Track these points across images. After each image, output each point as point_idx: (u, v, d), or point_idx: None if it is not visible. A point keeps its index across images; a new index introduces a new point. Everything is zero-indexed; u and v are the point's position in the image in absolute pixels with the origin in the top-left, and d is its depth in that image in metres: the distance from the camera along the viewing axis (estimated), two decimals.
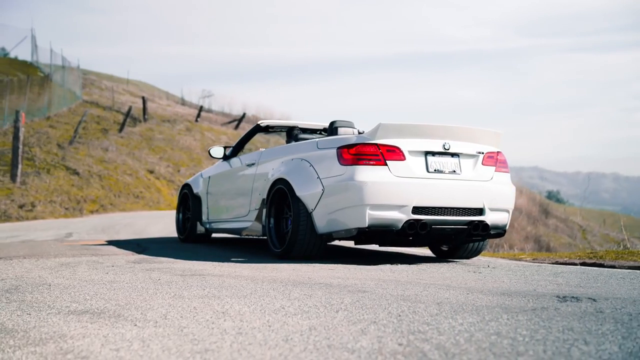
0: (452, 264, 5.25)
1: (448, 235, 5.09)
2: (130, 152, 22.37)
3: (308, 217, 5.03)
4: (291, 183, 5.18)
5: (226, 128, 31.35)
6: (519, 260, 6.13)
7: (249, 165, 6.23)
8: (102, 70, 45.19)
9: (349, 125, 5.81)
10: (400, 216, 4.76)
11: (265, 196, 5.62)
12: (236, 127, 31.15)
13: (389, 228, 4.77)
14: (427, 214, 4.84)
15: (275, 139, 26.30)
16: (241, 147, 6.93)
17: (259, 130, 6.64)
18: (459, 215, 4.95)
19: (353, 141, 4.90)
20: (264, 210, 5.63)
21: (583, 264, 5.51)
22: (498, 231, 5.20)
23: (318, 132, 6.62)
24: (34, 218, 14.51)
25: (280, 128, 6.69)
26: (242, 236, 7.69)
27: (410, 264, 5.13)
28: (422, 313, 2.64)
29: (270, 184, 5.51)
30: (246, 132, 6.77)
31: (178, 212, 7.71)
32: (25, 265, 4.78)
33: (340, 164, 4.88)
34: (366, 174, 4.75)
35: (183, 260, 5.17)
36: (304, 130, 6.56)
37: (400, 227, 4.76)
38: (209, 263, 4.95)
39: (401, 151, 4.86)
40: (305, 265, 4.80)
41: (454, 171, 5.01)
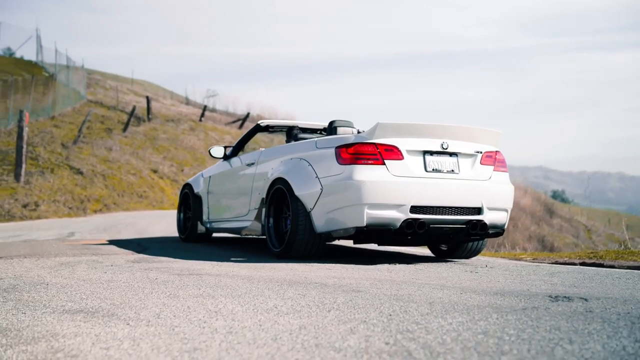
0: (450, 264, 5.26)
1: (446, 235, 5.09)
2: (134, 152, 22.44)
3: (307, 217, 5.04)
4: (290, 182, 5.20)
5: (230, 128, 31.39)
6: (518, 260, 6.13)
7: (249, 164, 6.25)
8: (106, 70, 45.29)
9: (348, 124, 5.82)
10: (399, 215, 4.77)
11: (264, 196, 5.64)
12: (240, 127, 31.19)
13: (387, 227, 4.78)
14: (425, 213, 4.85)
15: (279, 139, 26.32)
16: (241, 147, 6.95)
17: (259, 130, 6.66)
18: (457, 214, 4.95)
19: (351, 141, 4.91)
20: (264, 210, 5.65)
21: (582, 264, 5.50)
22: (496, 230, 5.21)
23: (318, 132, 6.64)
24: (38, 217, 14.57)
25: (280, 128, 6.70)
26: (242, 236, 7.71)
27: (408, 263, 5.14)
28: (413, 312, 2.65)
29: (270, 183, 5.54)
30: (246, 132, 6.79)
31: (179, 212, 7.74)
32: (25, 264, 4.82)
33: (338, 163, 4.90)
34: (364, 173, 4.76)
35: (182, 260, 5.20)
36: (303, 129, 6.58)
37: (398, 227, 4.77)
38: (208, 262, 4.97)
39: (399, 150, 4.87)
40: (303, 264, 4.82)
41: (452, 170, 5.02)
